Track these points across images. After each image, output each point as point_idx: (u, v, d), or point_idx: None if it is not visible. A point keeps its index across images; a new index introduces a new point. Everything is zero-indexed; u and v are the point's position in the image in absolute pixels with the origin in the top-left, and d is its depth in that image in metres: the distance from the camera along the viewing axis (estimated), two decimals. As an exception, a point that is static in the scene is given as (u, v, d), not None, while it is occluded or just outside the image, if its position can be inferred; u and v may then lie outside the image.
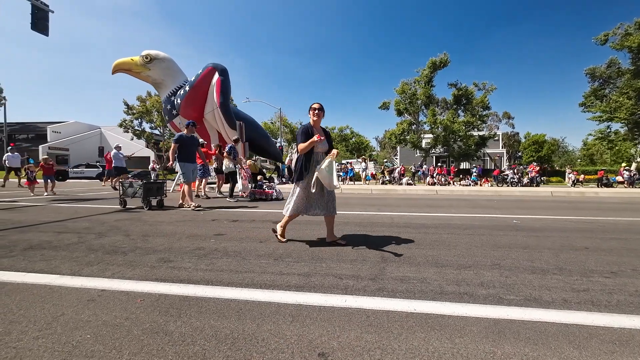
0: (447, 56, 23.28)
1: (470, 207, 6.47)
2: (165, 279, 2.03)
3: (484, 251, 2.77)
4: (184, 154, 5.75)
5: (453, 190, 11.48)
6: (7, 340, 1.31)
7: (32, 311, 1.57)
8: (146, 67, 13.10)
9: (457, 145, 24.76)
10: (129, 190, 5.57)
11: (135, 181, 5.72)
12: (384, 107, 26.50)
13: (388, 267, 2.30)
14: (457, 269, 2.26)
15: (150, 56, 13.47)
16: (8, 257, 2.53)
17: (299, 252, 2.71)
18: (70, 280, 1.98)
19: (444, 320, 1.50)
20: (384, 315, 1.54)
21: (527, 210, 5.99)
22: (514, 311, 1.58)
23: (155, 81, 13.68)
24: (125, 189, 5.64)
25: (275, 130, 42.11)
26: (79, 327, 1.41)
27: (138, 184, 5.55)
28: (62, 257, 2.51)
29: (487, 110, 24.74)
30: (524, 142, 48.80)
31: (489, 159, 35.94)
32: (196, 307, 1.62)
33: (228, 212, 5.32)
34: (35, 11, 9.57)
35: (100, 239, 3.19)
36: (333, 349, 1.25)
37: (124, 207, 5.65)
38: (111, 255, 2.57)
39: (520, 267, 2.31)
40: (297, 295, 1.77)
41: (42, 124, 41.89)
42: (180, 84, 13.83)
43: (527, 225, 4.19)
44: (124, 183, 5.75)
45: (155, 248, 2.81)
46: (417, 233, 3.55)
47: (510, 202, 7.84)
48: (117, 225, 3.98)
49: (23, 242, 3.05)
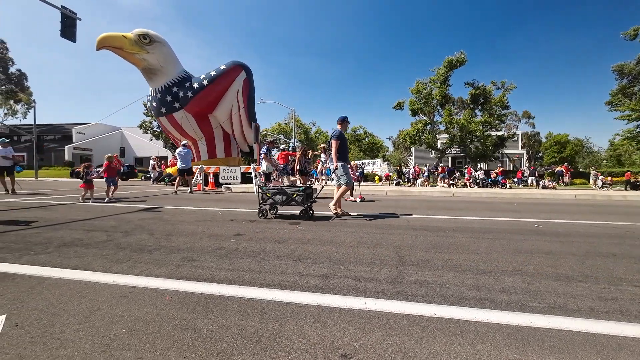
0: (464, 55, 22.81)
1: (488, 210, 6.32)
2: (190, 277, 2.12)
3: (505, 256, 2.72)
4: (342, 153, 5.10)
5: (470, 193, 11.23)
6: (52, 331, 1.41)
7: (71, 305, 1.68)
8: (143, 49, 11.03)
9: (474, 145, 24.19)
10: (277, 197, 4.68)
11: (286, 186, 5.01)
12: (399, 107, 26.24)
13: (406, 270, 2.31)
14: (477, 274, 2.23)
15: (150, 37, 11.22)
16: (44, 253, 2.70)
17: (317, 253, 2.75)
18: (103, 277, 2.10)
19: (465, 326, 1.49)
20: (404, 319, 1.56)
21: (549, 213, 5.80)
22: (538, 319, 1.56)
23: (150, 66, 11.51)
24: (271, 195, 4.71)
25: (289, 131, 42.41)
26: (114, 322, 1.50)
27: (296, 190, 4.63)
28: (93, 255, 2.65)
29: (505, 109, 24.08)
30: (545, 143, 47.06)
31: (508, 159, 34.88)
32: (221, 306, 1.69)
33: (245, 212, 5.43)
34: (64, 19, 10.09)
35: (126, 237, 3.35)
36: (355, 351, 1.28)
37: (266, 216, 4.76)
38: (138, 254, 2.69)
39: (543, 274, 2.26)
40: (317, 297, 1.81)
41: (68, 125, 43.95)
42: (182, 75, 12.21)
43: (550, 229, 4.06)
44: (268, 189, 4.83)
45: (179, 247, 2.93)
46: (435, 236, 3.52)
47: (531, 205, 7.60)
48: (141, 224, 4.15)
49: (57, 239, 3.24)
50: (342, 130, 5.15)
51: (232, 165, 13.56)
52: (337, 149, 5.00)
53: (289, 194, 4.62)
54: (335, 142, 5.00)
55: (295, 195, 4.58)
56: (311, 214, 4.70)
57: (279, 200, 4.65)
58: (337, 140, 5.02)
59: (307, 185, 5.14)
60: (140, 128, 37.21)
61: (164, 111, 12.39)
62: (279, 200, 4.66)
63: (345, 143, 5.18)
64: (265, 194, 4.74)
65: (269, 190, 4.77)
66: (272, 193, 4.70)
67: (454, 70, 23.34)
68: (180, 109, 12.13)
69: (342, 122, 5.18)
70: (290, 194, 4.60)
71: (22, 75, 39.83)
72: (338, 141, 5.02)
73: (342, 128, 5.17)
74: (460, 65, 23.06)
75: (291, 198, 4.59)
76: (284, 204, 4.66)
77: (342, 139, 5.10)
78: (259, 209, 4.77)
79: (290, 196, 4.59)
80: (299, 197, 4.58)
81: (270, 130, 43.00)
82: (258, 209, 4.78)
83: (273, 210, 4.98)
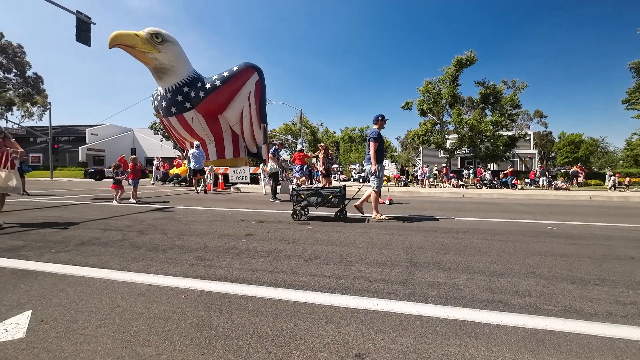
0: (473, 54, 22.52)
1: (499, 211, 6.23)
2: (204, 276, 2.17)
3: (518, 258, 2.69)
4: (380, 155, 4.84)
5: (481, 194, 11.08)
6: (75, 327, 1.47)
7: (92, 302, 1.74)
8: (155, 47, 10.97)
9: (484, 145, 23.84)
10: (312, 198, 4.57)
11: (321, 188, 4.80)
12: (407, 107, 26.04)
13: (417, 272, 2.30)
14: (489, 276, 2.21)
15: (162, 36, 11.15)
16: (64, 251, 2.79)
17: (327, 254, 2.77)
18: (121, 275, 2.17)
19: (479, 328, 1.49)
20: (417, 320, 1.56)
21: (562, 215, 5.68)
22: (553, 322, 1.54)
23: (161, 65, 11.42)
24: (306, 197, 4.60)
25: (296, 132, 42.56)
26: (134, 319, 1.55)
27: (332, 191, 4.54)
28: (110, 253, 2.73)
29: (517, 109, 23.62)
30: (558, 142, 45.99)
31: (519, 160, 34.24)
32: (236, 305, 1.72)
33: (255, 212, 5.49)
34: (79, 24, 10.37)
35: (141, 236, 3.43)
36: (369, 351, 1.29)
37: (300, 218, 4.67)
38: (153, 252, 2.76)
39: (558, 276, 2.23)
40: (329, 297, 1.83)
41: (82, 126, 45.04)
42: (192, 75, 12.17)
43: (564, 231, 3.98)
44: (302, 191, 4.69)
45: (192, 246, 2.99)
46: (446, 238, 3.49)
47: (544, 206, 7.45)
48: (154, 224, 4.25)
49: (75, 238, 3.34)
50: (379, 129, 4.88)
51: (240, 165, 13.68)
52: (376, 151, 4.74)
53: (324, 195, 4.55)
54: (374, 144, 4.72)
55: (332, 196, 4.52)
56: (345, 215, 4.62)
57: (314, 201, 4.57)
58: (375, 141, 4.73)
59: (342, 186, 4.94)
60: (151, 129, 37.94)
61: (174, 111, 12.35)
62: (313, 201, 4.57)
63: (383, 144, 4.93)
64: (299, 195, 4.64)
65: (303, 191, 4.67)
66: (306, 194, 4.60)
67: (463, 69, 23.06)
68: (192, 109, 12.17)
69: (379, 120, 4.90)
70: (325, 196, 4.54)
71: (38, 78, 41.05)
72: (377, 143, 4.74)
73: (379, 127, 4.89)
74: (470, 64, 22.77)
75: (327, 200, 4.52)
76: (319, 205, 4.57)
77: (381, 140, 4.84)
78: (293, 210, 4.69)
79: (326, 198, 4.53)
80: (335, 198, 4.52)
81: (278, 131, 43.24)
82: (292, 211, 4.69)
83: (305, 211, 4.83)
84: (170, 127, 13.74)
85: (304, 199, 4.61)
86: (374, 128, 4.93)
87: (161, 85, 12.23)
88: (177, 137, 14.56)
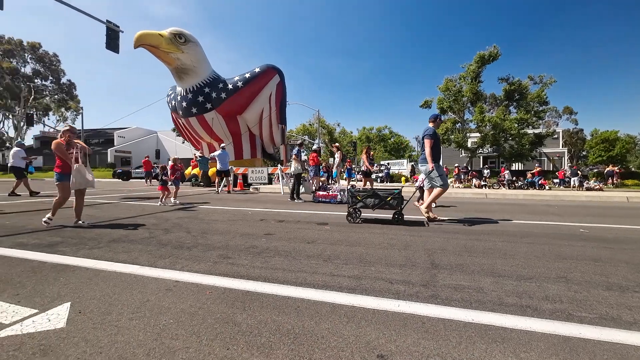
0: (497, 49, 21.64)
1: (526, 212, 5.96)
2: (226, 274, 2.23)
3: (547, 262, 2.57)
4: (436, 153, 4.75)
5: (505, 194, 10.64)
6: (110, 319, 1.56)
7: (124, 296, 1.84)
8: (179, 48, 11.08)
9: (508, 144, 22.86)
10: (369, 200, 4.40)
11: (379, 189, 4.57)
12: (426, 106, 25.46)
13: (439, 274, 2.26)
14: (516, 280, 2.13)
15: (185, 36, 11.25)
16: (97, 248, 2.96)
17: (346, 254, 2.77)
18: (149, 271, 2.27)
19: (506, 333, 1.44)
20: (440, 323, 1.53)
21: (595, 217, 5.35)
22: (587, 330, 1.46)
23: (183, 66, 11.45)
24: (362, 198, 4.44)
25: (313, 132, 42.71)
26: (162, 313, 1.63)
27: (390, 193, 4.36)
28: (139, 250, 2.87)
29: (544, 105, 22.47)
30: (590, 140, 43.36)
31: (547, 159, 32.58)
32: (258, 302, 1.76)
33: (274, 212, 5.57)
34: (109, 32, 10.93)
35: (167, 234, 3.58)
36: (392, 352, 1.28)
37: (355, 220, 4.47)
38: (178, 250, 2.87)
39: (592, 282, 2.11)
40: (349, 297, 1.83)
41: (110, 129, 47.40)
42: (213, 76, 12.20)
43: (598, 235, 3.76)
44: (358, 192, 4.54)
45: (214, 245, 3.08)
46: (468, 240, 3.39)
47: (575, 208, 7.06)
48: (178, 222, 4.41)
49: (106, 235, 3.54)
50: (435, 128, 4.82)
51: (257, 166, 13.86)
52: (432, 149, 4.64)
53: (382, 197, 4.36)
54: (430, 141, 4.62)
55: (390, 198, 4.33)
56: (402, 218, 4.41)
57: (370, 203, 4.39)
58: (431, 139, 4.63)
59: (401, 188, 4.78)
60: (174, 131, 39.33)
61: (194, 111, 12.41)
62: (370, 203, 4.39)
63: (439, 142, 4.87)
64: (355, 197, 4.47)
65: (359, 193, 4.52)
66: (363, 196, 4.44)
67: (486, 65, 22.23)
68: (212, 109, 12.25)
69: (435, 119, 4.85)
70: (383, 197, 4.35)
71: (71, 85, 43.70)
72: (432, 140, 4.63)
73: (435, 126, 4.83)
74: (493, 60, 21.89)
75: (385, 201, 4.35)
76: (375, 207, 4.40)
77: (437, 138, 4.77)
78: (348, 212, 4.52)
79: (384, 199, 4.35)
80: (394, 200, 4.34)
81: (295, 132, 43.61)
82: (347, 213, 4.54)
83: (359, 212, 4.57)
84: (188, 128, 13.80)
85: (359, 200, 4.45)
86: (429, 126, 4.84)
87: (182, 85, 12.29)
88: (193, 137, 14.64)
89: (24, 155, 8.98)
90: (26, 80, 39.38)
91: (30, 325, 1.48)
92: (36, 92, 39.99)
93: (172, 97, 13.50)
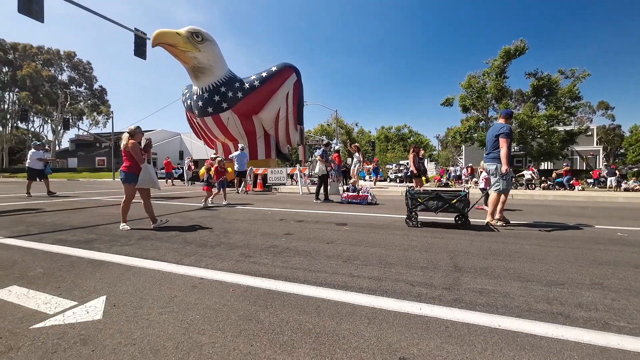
0: (524, 43, 20.64)
1: (556, 214, 5.66)
2: (249, 272, 2.29)
3: (580, 267, 2.43)
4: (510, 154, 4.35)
5: (533, 195, 10.14)
6: (141, 313, 1.65)
7: (153, 291, 1.94)
8: (196, 46, 11.05)
9: (536, 142, 21.74)
10: (431, 202, 4.17)
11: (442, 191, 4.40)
12: (447, 104, 24.72)
13: (463, 277, 2.20)
14: (545, 286, 2.03)
15: (202, 35, 11.21)
16: (128, 245, 3.13)
17: (366, 255, 2.75)
18: (176, 268, 2.37)
19: (536, 341, 1.38)
20: (465, 328, 1.49)
21: (636, 220, 4.99)
22: (627, 341, 1.37)
23: (200, 65, 11.44)
24: (424, 200, 4.21)
25: (331, 132, 42.68)
26: (189, 308, 1.70)
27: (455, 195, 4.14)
28: (166, 248, 3.00)
29: (576, 100, 21.16)
30: (629, 137, 40.38)
31: (580, 157, 30.69)
32: (279, 301, 1.80)
33: (293, 212, 5.64)
34: (137, 40, 11.48)
35: (191, 233, 3.72)
36: (414, 355, 1.27)
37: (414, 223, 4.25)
38: (202, 248, 2.98)
39: (632, 290, 1.97)
40: (370, 298, 1.82)
41: (138, 132, 49.75)
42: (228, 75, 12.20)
43: (638, 239, 3.50)
44: (419, 194, 4.35)
45: (236, 244, 3.16)
46: (493, 242, 3.27)
47: (611, 210, 6.61)
48: (202, 222, 4.57)
49: (136, 233, 3.73)
50: (510, 125, 4.44)
51: (272, 166, 13.91)
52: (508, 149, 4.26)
53: (446, 199, 4.10)
54: (507, 141, 4.23)
55: (455, 201, 4.07)
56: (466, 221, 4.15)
57: (433, 206, 4.16)
58: (508, 138, 4.25)
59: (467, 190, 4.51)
60: (196, 133, 40.61)
61: (210, 111, 12.36)
62: (432, 206, 4.16)
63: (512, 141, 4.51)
64: (416, 199, 4.25)
65: (420, 195, 4.31)
66: (424, 198, 4.21)
67: (511, 60, 21.26)
68: (228, 109, 12.22)
69: (509, 117, 4.51)
70: (448, 200, 4.10)
71: (103, 90, 46.37)
72: (509, 139, 4.26)
73: (509, 123, 4.47)
74: (520, 54, 20.88)
75: (449, 204, 4.09)
76: (438, 210, 4.15)
77: (512, 138, 4.36)
78: (408, 215, 4.31)
79: (449, 202, 4.09)
80: (460, 203, 4.08)
81: (312, 132, 43.78)
82: (406, 216, 4.34)
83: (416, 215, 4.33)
84: (204, 127, 13.68)
85: (420, 202, 4.22)
86: (502, 123, 4.46)
87: (198, 84, 12.32)
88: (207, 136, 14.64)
89: (39, 157, 9.31)
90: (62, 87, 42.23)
91: (71, 316, 1.60)
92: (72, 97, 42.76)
93: (188, 96, 13.66)
